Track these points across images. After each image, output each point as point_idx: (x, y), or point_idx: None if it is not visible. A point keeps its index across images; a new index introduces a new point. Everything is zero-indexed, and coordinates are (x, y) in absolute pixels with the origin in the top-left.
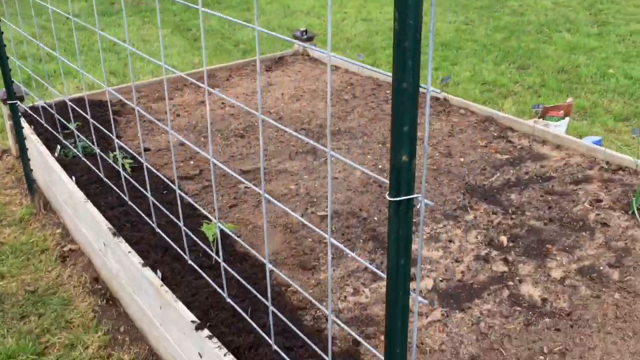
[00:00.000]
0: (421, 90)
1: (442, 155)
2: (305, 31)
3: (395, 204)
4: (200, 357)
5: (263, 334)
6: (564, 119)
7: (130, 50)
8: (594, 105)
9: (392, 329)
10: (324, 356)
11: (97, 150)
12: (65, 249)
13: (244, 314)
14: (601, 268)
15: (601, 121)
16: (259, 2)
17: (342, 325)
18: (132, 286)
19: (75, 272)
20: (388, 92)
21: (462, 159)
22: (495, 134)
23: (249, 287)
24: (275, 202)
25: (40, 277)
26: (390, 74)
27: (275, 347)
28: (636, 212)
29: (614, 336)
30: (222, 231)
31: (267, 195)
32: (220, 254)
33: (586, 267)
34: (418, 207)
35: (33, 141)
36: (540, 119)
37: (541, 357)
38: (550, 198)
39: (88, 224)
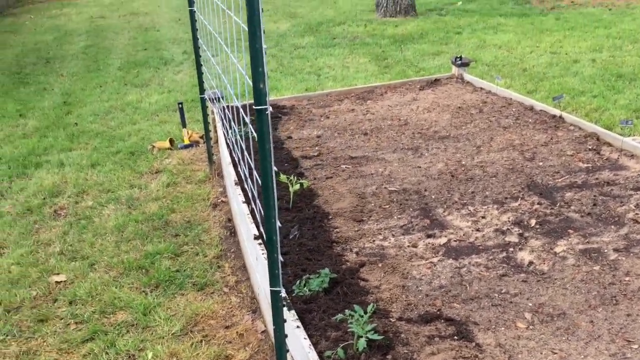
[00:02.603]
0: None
1: (524, 159)
2: (460, 57)
3: (257, 112)
4: (257, 260)
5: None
6: None
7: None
8: None
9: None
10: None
11: (252, 134)
12: (219, 200)
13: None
14: (605, 251)
15: None
16: (459, 38)
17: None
18: (239, 220)
19: (219, 214)
20: (514, 110)
21: (540, 163)
22: (590, 147)
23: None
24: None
25: (195, 214)
26: (520, 95)
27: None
28: None
29: (567, 290)
30: (308, 191)
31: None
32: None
33: (592, 248)
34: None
35: (218, 127)
36: None
37: (495, 295)
38: (601, 198)
39: (228, 179)
